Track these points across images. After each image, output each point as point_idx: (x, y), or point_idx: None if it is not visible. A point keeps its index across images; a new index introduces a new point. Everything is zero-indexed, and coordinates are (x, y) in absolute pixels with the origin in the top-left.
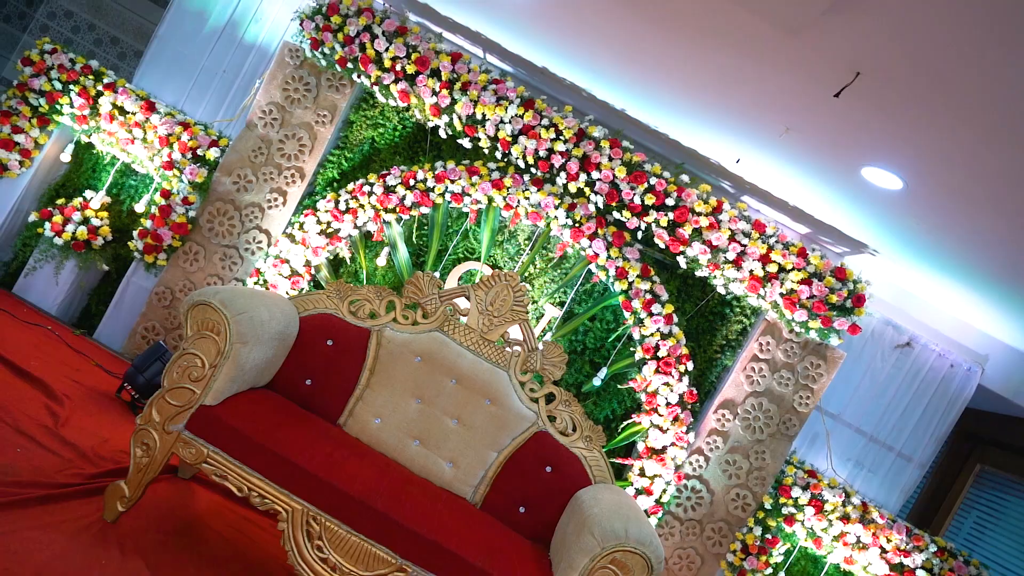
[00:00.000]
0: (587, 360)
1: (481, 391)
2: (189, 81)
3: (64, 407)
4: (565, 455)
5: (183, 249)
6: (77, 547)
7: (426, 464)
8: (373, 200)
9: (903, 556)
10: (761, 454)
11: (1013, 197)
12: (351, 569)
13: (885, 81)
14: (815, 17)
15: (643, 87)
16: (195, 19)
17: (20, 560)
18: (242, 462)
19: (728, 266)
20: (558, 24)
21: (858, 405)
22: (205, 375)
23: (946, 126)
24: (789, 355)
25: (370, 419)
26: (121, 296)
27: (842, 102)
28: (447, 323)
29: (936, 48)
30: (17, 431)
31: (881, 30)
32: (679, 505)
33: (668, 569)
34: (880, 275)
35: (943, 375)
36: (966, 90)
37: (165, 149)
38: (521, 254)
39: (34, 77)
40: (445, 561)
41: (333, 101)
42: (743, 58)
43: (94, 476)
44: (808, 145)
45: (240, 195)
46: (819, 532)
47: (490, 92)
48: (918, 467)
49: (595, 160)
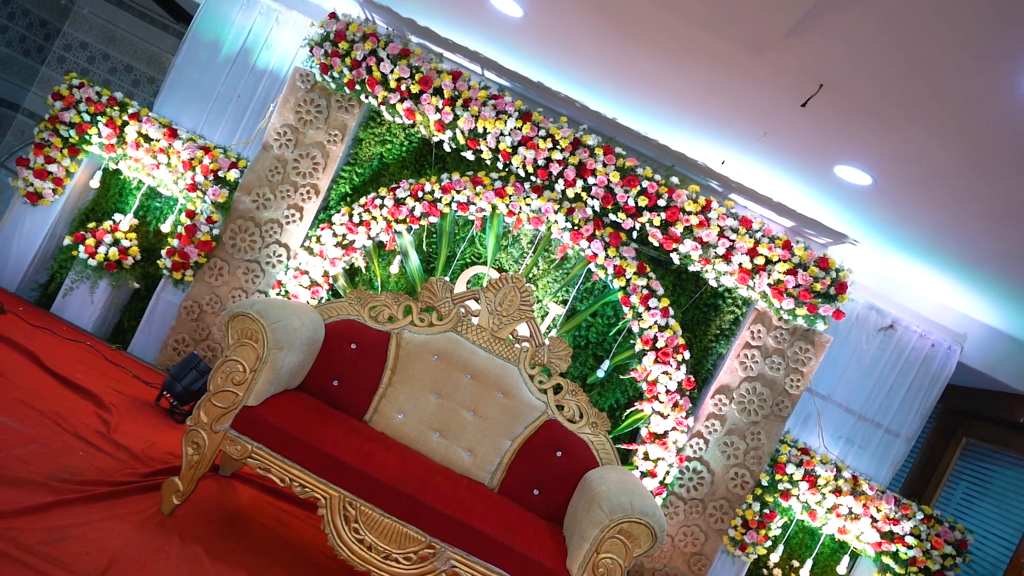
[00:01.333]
0: (590, 353)
1: (494, 385)
2: (206, 107)
3: (112, 415)
4: (573, 440)
5: (208, 265)
6: (143, 535)
7: (446, 453)
8: (385, 212)
9: (892, 524)
10: (757, 435)
11: (969, 189)
12: (385, 548)
13: (846, 91)
14: (778, 39)
15: (632, 98)
16: (209, 48)
17: (98, 546)
18: (283, 455)
19: (718, 260)
20: (550, 43)
21: (846, 385)
22: (246, 379)
23: (902, 128)
24: (779, 341)
25: (393, 414)
26: (152, 311)
27: (809, 111)
28: (460, 324)
29: (888, 61)
30: (76, 436)
31: (838, 47)
32: (682, 486)
33: (674, 546)
34: (862, 263)
35: (925, 354)
36: (917, 96)
37: (188, 172)
38: (525, 257)
39: (64, 110)
40: (470, 538)
41: (343, 121)
42: (718, 74)
43: (148, 475)
44: (785, 147)
45: (260, 212)
46: (813, 505)
47: (490, 107)
48: (905, 441)
49: (590, 166)
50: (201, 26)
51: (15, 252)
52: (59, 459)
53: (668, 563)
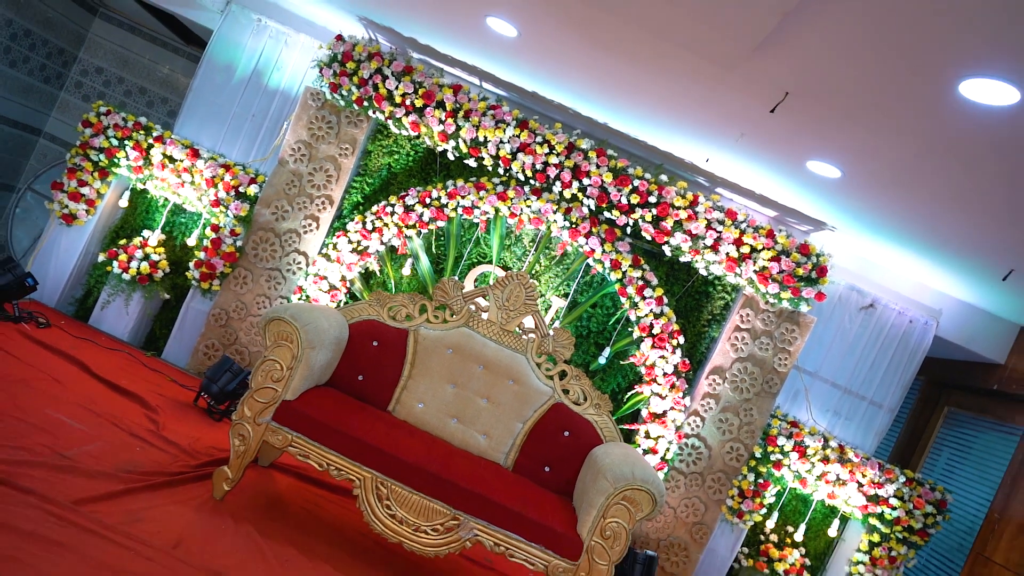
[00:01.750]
0: (592, 342)
1: (505, 373)
2: (223, 126)
3: (159, 415)
4: (579, 421)
5: (233, 275)
6: (201, 517)
7: (464, 437)
8: (395, 219)
9: (877, 488)
10: (749, 411)
11: (926, 179)
12: (415, 521)
13: (810, 97)
14: (745, 55)
15: (620, 104)
16: (224, 72)
17: (166, 526)
18: (320, 443)
19: (707, 251)
20: (543, 59)
21: (831, 362)
22: (284, 376)
23: (862, 127)
24: (767, 323)
25: (415, 404)
26: (182, 320)
27: (779, 115)
28: (471, 319)
29: (846, 71)
30: (132, 435)
31: (800, 60)
32: (682, 461)
33: (677, 517)
34: (841, 248)
35: (904, 330)
36: (872, 100)
37: (211, 189)
38: (527, 255)
39: (93, 136)
40: (490, 509)
41: (353, 135)
42: (695, 84)
43: (197, 466)
44: (760, 146)
45: (279, 223)
46: (804, 473)
47: (489, 117)
48: (888, 412)
49: (585, 168)
50: (215, 50)
51: (53, 270)
52: (121, 454)
53: (672, 533)
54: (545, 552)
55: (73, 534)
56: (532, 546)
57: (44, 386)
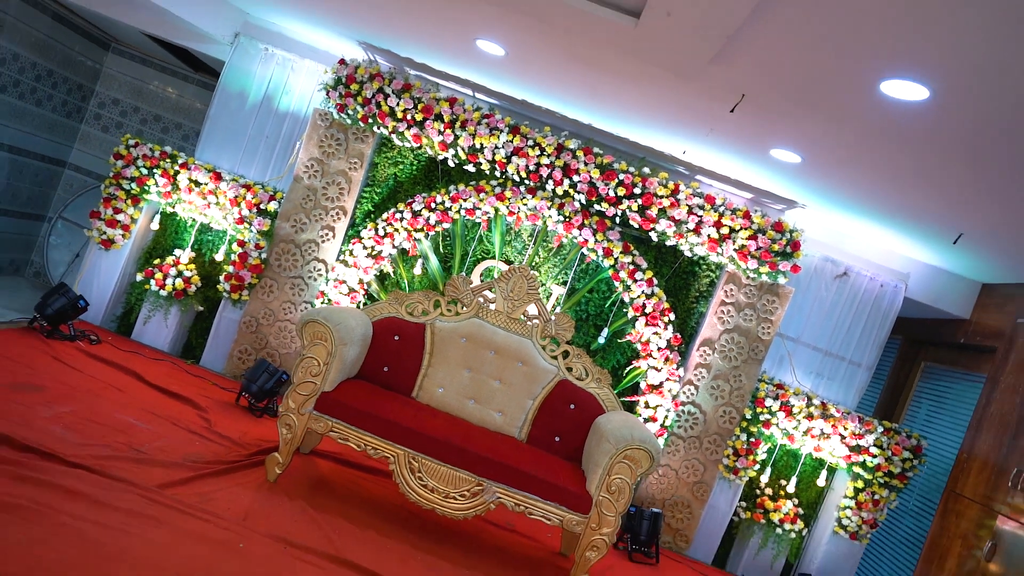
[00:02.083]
0: (591, 324)
1: (514, 356)
2: (240, 149)
3: (208, 414)
4: (583, 394)
5: (260, 285)
6: (260, 496)
7: (481, 416)
8: (405, 223)
9: (858, 439)
10: (738, 377)
11: (872, 160)
12: (444, 489)
13: (763, 96)
14: (701, 68)
15: (601, 107)
16: (237, 98)
17: (232, 504)
18: (357, 427)
19: (690, 234)
20: (529, 73)
21: (811, 327)
22: (321, 370)
23: (809, 118)
24: (749, 296)
25: (435, 389)
26: (216, 329)
27: (738, 114)
28: (481, 310)
29: (791, 73)
30: (189, 431)
31: (751, 67)
32: (680, 427)
33: (679, 478)
34: (814, 223)
35: (875, 294)
36: (815, 96)
37: (235, 208)
38: (527, 248)
39: (125, 167)
40: (509, 475)
41: (360, 150)
42: (664, 91)
43: (249, 455)
44: (728, 139)
45: (298, 235)
46: (791, 430)
47: (484, 125)
48: (866, 370)
49: (574, 167)
50: (228, 79)
51: (95, 292)
52: (184, 448)
53: (675, 492)
54: (560, 508)
55: (162, 511)
56: (548, 504)
57: (109, 395)
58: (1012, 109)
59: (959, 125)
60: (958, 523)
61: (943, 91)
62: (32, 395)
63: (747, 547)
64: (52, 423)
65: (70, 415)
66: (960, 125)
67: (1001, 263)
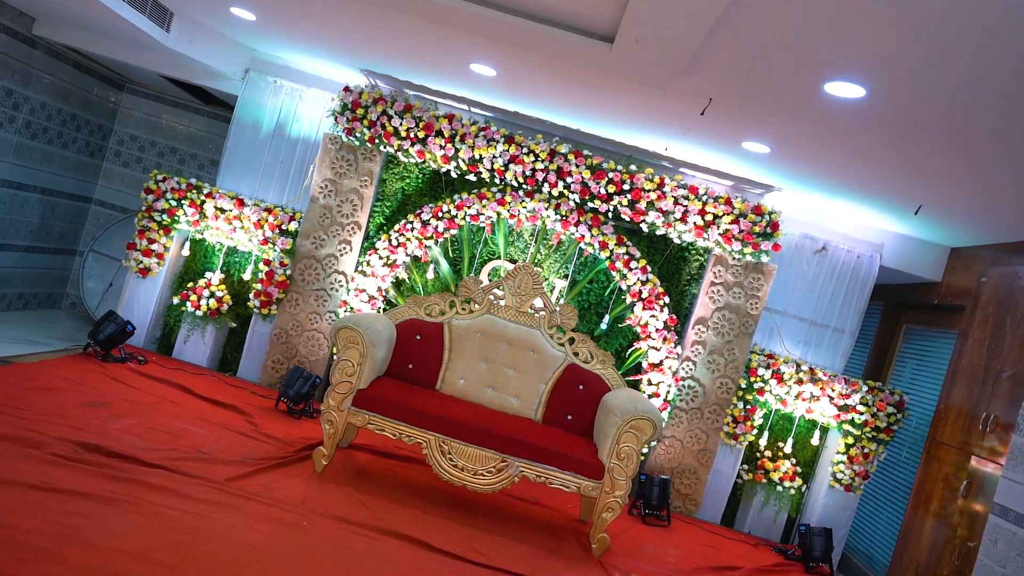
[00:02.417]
0: (593, 312)
1: (525, 346)
2: (258, 175)
3: (255, 418)
4: (590, 376)
5: (287, 299)
6: (311, 484)
7: (500, 401)
8: (415, 233)
9: (845, 399)
10: (732, 351)
11: (828, 146)
12: (472, 467)
13: (727, 98)
14: (670, 79)
15: (588, 114)
16: (251, 129)
17: (290, 492)
18: (392, 417)
19: (678, 223)
20: (519, 90)
21: (796, 300)
22: (356, 371)
23: (769, 115)
24: (736, 276)
25: (456, 381)
26: (249, 342)
27: (709, 115)
28: (492, 307)
29: (749, 77)
30: (241, 434)
31: (713, 76)
32: (681, 400)
33: (684, 447)
34: (792, 204)
35: (853, 265)
36: (772, 96)
37: (259, 231)
38: (529, 247)
39: (155, 201)
40: (529, 451)
41: (369, 168)
42: (641, 99)
43: (296, 451)
44: (704, 135)
45: (318, 251)
46: (783, 395)
47: (481, 138)
48: (849, 335)
49: (566, 169)
50: (241, 112)
51: (136, 317)
52: (240, 448)
53: (682, 461)
54: (576, 477)
55: (234, 499)
56: (565, 473)
57: (165, 407)
58: (936, 102)
59: (893, 117)
60: (940, 468)
61: (877, 89)
62: (102, 411)
63: (751, 506)
64: (124, 433)
65: (137, 426)
66: (894, 117)
67: (964, 228)
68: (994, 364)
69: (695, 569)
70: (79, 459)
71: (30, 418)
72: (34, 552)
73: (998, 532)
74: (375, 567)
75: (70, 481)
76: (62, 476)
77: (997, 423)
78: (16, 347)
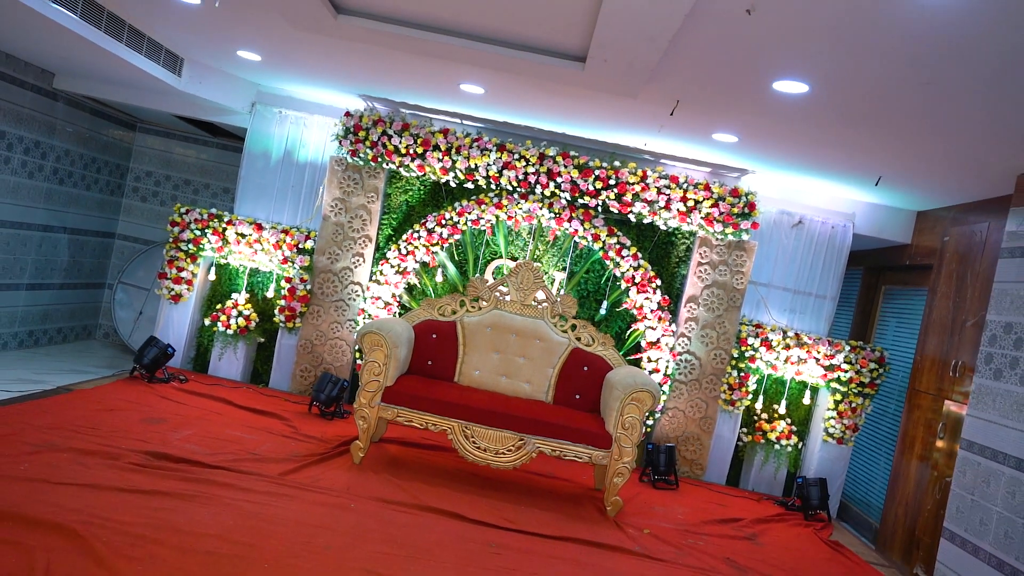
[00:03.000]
0: (592, 299)
1: (532, 336)
2: (271, 200)
3: (293, 422)
4: (593, 357)
5: (309, 312)
6: (353, 474)
7: (513, 387)
8: (422, 241)
9: (830, 359)
10: (722, 324)
11: (791, 132)
12: (494, 447)
13: (692, 100)
14: (640, 87)
15: (571, 119)
16: (262, 158)
17: (335, 481)
18: (418, 409)
19: (662, 211)
20: (505, 104)
21: (779, 272)
22: (382, 370)
23: (732, 112)
24: (721, 255)
25: (472, 372)
26: (278, 355)
27: (678, 114)
28: (499, 303)
29: (710, 79)
30: (283, 436)
31: (678, 81)
32: (680, 373)
33: (687, 417)
34: (768, 183)
35: (828, 235)
36: (732, 96)
37: (278, 251)
38: (527, 245)
39: (181, 232)
40: (543, 428)
41: (374, 184)
42: (618, 105)
43: (334, 447)
44: (677, 131)
45: (334, 265)
46: (773, 361)
47: (475, 148)
48: (831, 300)
49: (556, 170)
50: (251, 143)
51: (172, 340)
52: (285, 448)
53: (685, 429)
54: (587, 448)
55: (289, 490)
56: (577, 446)
57: (212, 418)
58: (868, 93)
59: (833, 107)
60: (920, 414)
61: (818, 84)
62: (160, 425)
63: (753, 465)
64: (184, 442)
65: (194, 436)
66: (834, 107)
67: (926, 194)
68: (959, 315)
69: (702, 522)
70: (152, 466)
71: (103, 435)
72: (138, 538)
73: (966, 464)
74: (417, 536)
75: (150, 484)
76: (142, 480)
77: (965, 368)
78: (69, 376)
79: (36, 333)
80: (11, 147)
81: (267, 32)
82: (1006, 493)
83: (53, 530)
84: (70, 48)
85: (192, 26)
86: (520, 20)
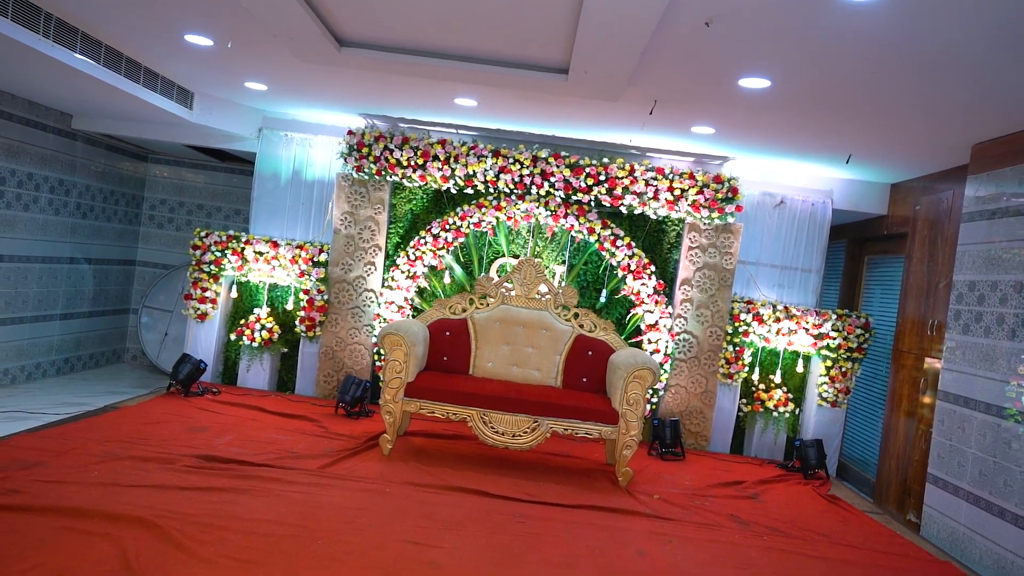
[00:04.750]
0: (592, 289)
1: (538, 326)
2: (283, 218)
3: (322, 423)
4: (596, 342)
5: (328, 320)
6: (383, 464)
7: (524, 375)
8: (428, 246)
9: (818, 328)
10: (716, 303)
11: (769, 120)
12: (510, 431)
13: (668, 99)
14: (621, 91)
15: (560, 122)
16: (271, 179)
17: (372, 471)
18: (439, 401)
19: (651, 201)
20: (497, 114)
21: (766, 250)
22: (403, 367)
23: (707, 107)
24: (709, 238)
25: (485, 364)
26: (301, 363)
27: (658, 111)
28: (505, 298)
29: (684, 78)
30: (315, 436)
31: (654, 83)
32: (679, 352)
33: (689, 392)
34: (749, 168)
35: (809, 212)
36: (704, 93)
37: (295, 266)
38: (528, 242)
39: (202, 254)
40: (555, 410)
41: (380, 196)
42: (601, 107)
43: (363, 442)
44: (659, 126)
45: (347, 275)
46: (765, 334)
47: (472, 156)
48: (816, 273)
49: (549, 171)
50: (261, 166)
51: (201, 356)
52: (318, 446)
53: (688, 404)
54: (596, 425)
55: (330, 480)
56: (587, 423)
57: (248, 424)
58: (821, 85)
59: (793, 98)
60: (905, 373)
61: (778, 79)
62: (203, 433)
63: (754, 433)
64: (228, 446)
65: (235, 440)
66: (794, 98)
67: (897, 167)
68: (933, 278)
69: (708, 486)
70: (204, 467)
71: (155, 444)
72: (207, 526)
73: (944, 413)
74: (449, 512)
75: (205, 482)
76: (198, 479)
77: (939, 326)
78: (109, 397)
79: (71, 360)
80: (38, 187)
81: (274, 64)
82: (978, 435)
83: (134, 523)
84: (92, 92)
85: (204, 64)
86: (507, 41)
